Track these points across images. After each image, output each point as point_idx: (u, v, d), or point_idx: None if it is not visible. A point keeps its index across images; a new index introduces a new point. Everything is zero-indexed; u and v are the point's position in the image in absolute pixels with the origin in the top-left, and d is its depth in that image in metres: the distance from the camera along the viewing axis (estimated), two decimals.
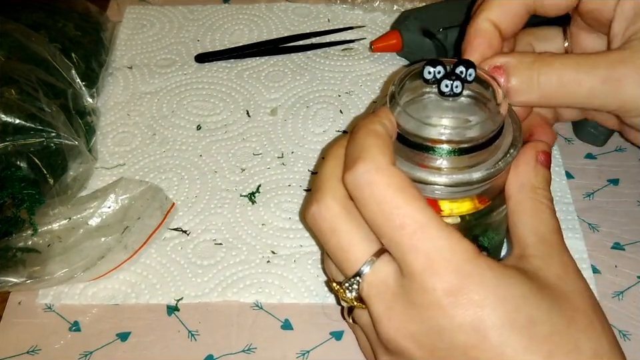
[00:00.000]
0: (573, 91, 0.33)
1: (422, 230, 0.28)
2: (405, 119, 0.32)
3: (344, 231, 0.30)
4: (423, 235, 0.27)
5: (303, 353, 0.39)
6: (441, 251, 0.27)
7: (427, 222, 0.28)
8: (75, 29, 0.54)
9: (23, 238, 0.41)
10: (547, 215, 0.32)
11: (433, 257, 0.27)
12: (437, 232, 0.28)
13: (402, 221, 0.28)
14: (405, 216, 0.28)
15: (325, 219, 0.30)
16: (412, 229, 0.28)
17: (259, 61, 0.57)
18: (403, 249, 0.28)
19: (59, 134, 0.44)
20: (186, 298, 0.42)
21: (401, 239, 0.28)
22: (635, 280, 0.42)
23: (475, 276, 0.27)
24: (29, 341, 0.40)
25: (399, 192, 0.28)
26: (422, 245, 0.27)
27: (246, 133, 0.51)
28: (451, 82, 0.32)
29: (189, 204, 0.47)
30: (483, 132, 0.32)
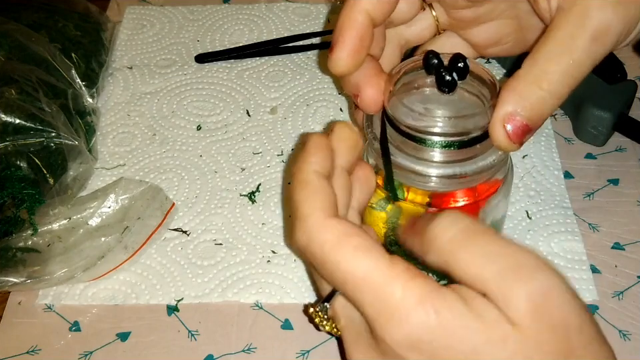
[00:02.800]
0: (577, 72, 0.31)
1: (365, 282, 0.27)
2: (400, 110, 0.33)
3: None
4: (368, 288, 0.27)
5: (303, 352, 0.39)
6: (391, 298, 0.26)
7: (368, 273, 0.27)
8: (75, 29, 0.54)
9: (23, 238, 0.41)
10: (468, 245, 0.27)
11: (385, 306, 0.26)
12: (382, 280, 0.26)
13: (343, 278, 0.27)
14: (346, 273, 0.27)
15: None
16: (355, 283, 0.27)
17: (259, 61, 0.57)
18: (356, 303, 0.28)
19: (59, 134, 0.44)
20: (186, 298, 0.42)
21: (350, 295, 0.27)
22: (635, 280, 0.42)
23: (425, 325, 0.26)
24: (28, 341, 0.40)
25: (334, 248, 0.27)
26: (370, 299, 0.27)
27: (246, 132, 0.51)
28: (451, 73, 0.32)
29: (189, 204, 0.47)
30: (477, 125, 0.32)
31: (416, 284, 0.26)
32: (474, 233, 0.27)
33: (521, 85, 0.31)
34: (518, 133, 0.31)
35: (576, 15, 0.30)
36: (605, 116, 0.47)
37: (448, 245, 0.27)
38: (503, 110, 0.31)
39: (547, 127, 0.51)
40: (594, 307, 0.41)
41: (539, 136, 0.50)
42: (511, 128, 0.31)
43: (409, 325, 0.26)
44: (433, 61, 0.33)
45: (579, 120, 0.49)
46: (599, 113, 0.47)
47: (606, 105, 0.47)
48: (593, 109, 0.47)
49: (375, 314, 0.27)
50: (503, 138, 0.31)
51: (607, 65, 0.50)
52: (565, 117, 0.51)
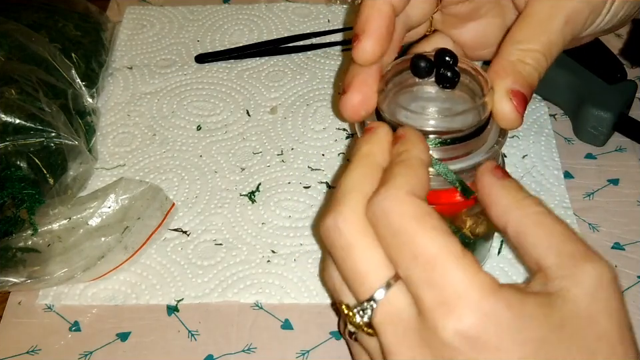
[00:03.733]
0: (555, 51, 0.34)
1: (435, 262, 0.26)
2: (393, 109, 0.33)
3: (361, 250, 0.28)
4: (436, 268, 0.26)
5: (303, 352, 0.39)
6: (455, 286, 0.26)
7: (441, 254, 0.26)
8: (75, 29, 0.54)
9: (23, 238, 0.41)
10: (550, 223, 0.29)
11: (446, 294, 0.26)
12: (452, 265, 0.26)
13: (415, 252, 0.26)
14: (419, 246, 0.26)
15: (341, 233, 0.28)
16: (424, 260, 0.26)
17: (259, 61, 0.57)
18: (415, 283, 0.27)
19: (59, 134, 0.44)
20: (186, 299, 0.42)
21: (413, 272, 0.27)
22: (635, 280, 0.42)
23: (492, 316, 0.25)
24: (29, 341, 0.40)
25: (414, 221, 0.27)
26: (434, 279, 0.26)
27: (246, 132, 0.51)
28: (447, 71, 0.33)
29: (189, 204, 0.47)
30: (469, 123, 0.32)
31: (484, 276, 0.26)
32: (557, 218, 0.29)
33: (509, 63, 0.34)
34: (521, 104, 0.33)
35: (550, 1, 0.34)
36: (605, 116, 0.47)
37: (536, 216, 0.29)
38: (504, 85, 0.33)
39: (547, 127, 0.51)
40: None
41: (539, 136, 0.50)
42: (516, 100, 0.33)
43: (475, 317, 0.25)
44: (422, 64, 0.33)
45: (578, 120, 0.49)
46: (598, 113, 0.47)
47: (606, 105, 0.47)
48: (593, 109, 0.47)
49: (435, 299, 0.26)
50: (512, 110, 0.33)
51: (607, 65, 0.50)
52: (564, 117, 0.51)
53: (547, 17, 0.34)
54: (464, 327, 0.25)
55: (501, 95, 0.33)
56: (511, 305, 0.26)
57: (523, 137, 0.50)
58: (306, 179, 0.48)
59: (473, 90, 0.34)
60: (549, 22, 0.34)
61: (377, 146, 0.31)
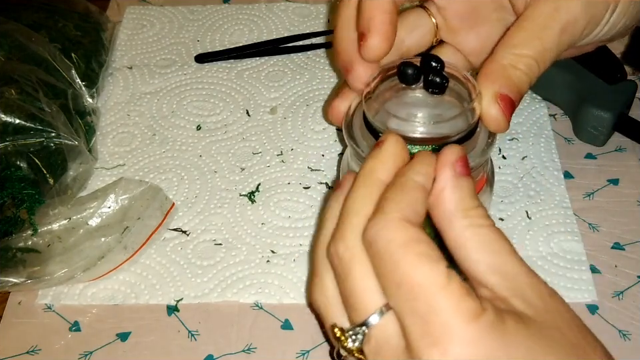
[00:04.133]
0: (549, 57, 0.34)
1: (419, 291, 0.26)
2: (381, 116, 0.33)
3: (358, 276, 0.28)
4: (419, 297, 0.26)
5: (303, 352, 0.39)
6: (439, 316, 0.25)
7: (424, 282, 0.26)
8: (75, 29, 0.54)
9: (23, 238, 0.41)
10: (493, 241, 0.28)
11: (430, 324, 0.25)
12: (435, 294, 0.25)
13: (399, 280, 0.26)
14: (402, 274, 0.26)
15: (341, 259, 0.29)
16: (408, 288, 0.26)
17: (258, 61, 0.57)
18: (400, 312, 0.26)
19: (59, 134, 0.44)
20: (186, 298, 0.42)
21: (398, 300, 0.26)
22: (635, 280, 0.42)
23: (477, 343, 0.25)
24: (29, 341, 0.40)
25: (400, 248, 0.27)
26: (418, 309, 0.26)
27: (246, 132, 0.52)
28: (435, 77, 0.33)
29: (188, 204, 0.47)
30: (458, 128, 0.32)
31: (469, 301, 0.26)
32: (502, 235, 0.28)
33: (500, 67, 0.34)
34: (508, 108, 0.33)
35: (548, 8, 0.34)
36: (605, 116, 0.47)
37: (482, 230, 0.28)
38: (492, 90, 0.33)
39: (547, 128, 0.51)
40: (594, 307, 0.41)
41: (538, 137, 0.50)
42: (503, 104, 0.33)
43: (460, 347, 0.25)
44: (409, 71, 0.33)
45: (578, 120, 0.49)
46: (598, 113, 0.47)
47: (606, 105, 0.47)
48: (593, 109, 0.47)
49: (419, 329, 0.26)
50: (500, 114, 0.33)
51: (607, 65, 0.50)
52: (564, 117, 0.51)
53: (543, 24, 0.34)
54: (449, 358, 0.25)
55: (489, 98, 0.33)
56: (495, 327, 0.25)
57: (522, 138, 0.50)
58: (306, 179, 0.48)
59: (460, 95, 0.34)
60: (545, 29, 0.34)
61: (380, 162, 0.31)
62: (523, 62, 0.34)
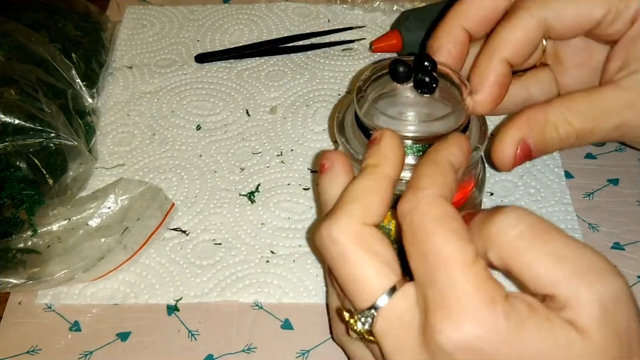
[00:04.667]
0: (588, 139, 0.34)
1: (444, 264, 0.26)
2: (372, 115, 0.33)
3: (357, 259, 0.28)
4: (441, 270, 0.26)
5: (303, 352, 0.39)
6: (458, 291, 0.25)
7: (451, 257, 0.26)
8: (75, 29, 0.54)
9: (23, 239, 0.41)
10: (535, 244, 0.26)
11: (449, 297, 0.25)
12: (459, 270, 0.25)
13: (426, 250, 0.26)
14: (431, 246, 0.26)
15: (336, 242, 0.28)
16: (434, 260, 0.26)
17: (258, 61, 0.57)
18: (423, 280, 0.26)
19: (59, 134, 0.44)
20: (185, 298, 0.42)
21: (421, 269, 0.27)
22: (635, 280, 0.42)
23: (490, 326, 0.25)
24: (29, 341, 0.40)
25: (433, 221, 0.27)
26: (439, 281, 0.26)
27: (245, 132, 0.52)
28: (425, 77, 0.33)
29: (188, 204, 0.47)
30: (448, 128, 0.32)
31: (491, 285, 0.26)
32: (541, 232, 0.26)
33: (544, 119, 0.33)
34: (522, 158, 0.33)
35: (622, 98, 0.33)
36: None
37: (514, 243, 0.26)
38: (521, 133, 0.33)
39: None
40: None
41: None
42: (520, 152, 0.33)
43: (471, 325, 0.25)
44: (400, 69, 0.33)
45: None
46: None
47: None
48: None
49: (437, 301, 0.26)
50: (511, 158, 0.33)
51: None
52: None
53: (605, 110, 0.33)
54: (460, 334, 0.25)
55: (512, 137, 0.33)
56: (510, 317, 0.25)
57: None
58: (305, 180, 0.48)
59: (452, 94, 0.34)
60: (604, 116, 0.33)
61: (385, 157, 0.30)
62: (565, 129, 0.33)
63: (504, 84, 0.35)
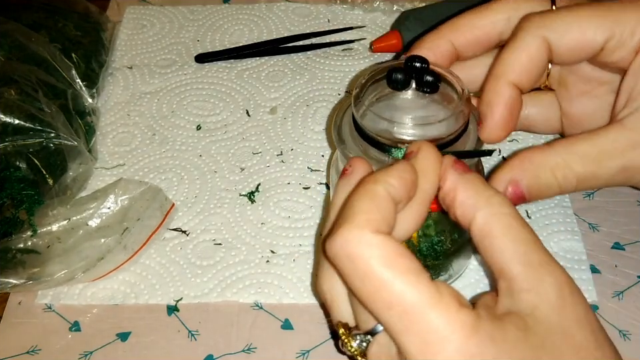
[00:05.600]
0: (590, 183, 0.33)
1: (414, 312, 0.25)
2: (369, 119, 0.33)
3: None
4: (415, 318, 0.25)
5: (303, 352, 0.39)
6: (437, 333, 0.25)
7: (418, 302, 0.25)
8: (75, 29, 0.54)
9: (23, 239, 0.41)
10: (517, 227, 0.28)
11: (430, 343, 0.25)
12: (431, 312, 0.25)
13: (389, 301, 0.25)
14: (393, 295, 0.25)
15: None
16: (401, 310, 0.25)
17: (259, 61, 0.57)
18: (396, 332, 0.25)
19: (59, 134, 0.44)
20: (185, 298, 0.42)
21: (390, 321, 0.25)
22: (635, 280, 0.42)
23: (478, 356, 0.25)
24: (29, 341, 0.40)
25: (383, 266, 0.25)
26: (415, 329, 0.25)
27: (246, 132, 0.52)
28: (427, 76, 0.32)
29: (188, 204, 0.47)
30: (446, 131, 0.32)
31: (465, 313, 0.25)
32: (523, 222, 0.28)
33: (541, 163, 0.32)
34: (513, 199, 0.32)
35: (626, 138, 0.32)
36: None
37: (504, 218, 0.28)
38: (513, 174, 0.32)
39: None
40: (594, 307, 0.41)
41: (538, 138, 0.50)
42: (511, 192, 0.32)
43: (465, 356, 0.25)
44: (399, 77, 0.33)
45: None
46: None
47: None
48: None
49: (418, 348, 0.25)
50: None
51: None
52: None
53: (609, 151, 0.32)
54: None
55: (502, 178, 0.32)
56: (494, 339, 0.25)
57: (522, 139, 0.50)
58: (305, 179, 0.48)
59: (449, 96, 0.34)
60: (608, 158, 0.32)
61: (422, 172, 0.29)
62: (564, 173, 0.32)
63: (514, 108, 0.34)
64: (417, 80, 0.33)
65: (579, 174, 0.32)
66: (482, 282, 0.42)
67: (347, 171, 0.31)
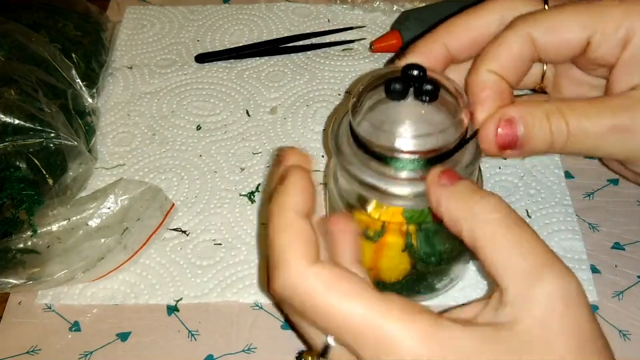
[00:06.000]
0: (580, 140, 0.32)
1: (363, 325, 0.26)
2: (366, 129, 0.32)
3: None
4: (366, 330, 0.25)
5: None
6: (391, 337, 0.25)
7: (366, 314, 0.26)
8: (75, 29, 0.54)
9: (23, 239, 0.41)
10: (504, 233, 0.27)
11: (383, 349, 0.25)
12: (381, 319, 0.25)
13: (341, 322, 0.26)
14: (341, 317, 0.26)
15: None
16: (353, 328, 0.26)
17: (259, 61, 0.57)
18: (353, 348, 0.26)
19: (59, 134, 0.44)
20: (185, 298, 0.42)
21: (346, 340, 0.26)
22: (635, 280, 0.42)
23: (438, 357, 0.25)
24: (29, 341, 0.40)
25: (326, 293, 0.26)
26: (368, 340, 0.25)
27: (246, 132, 0.52)
28: (426, 85, 0.32)
29: (188, 204, 0.47)
30: (445, 141, 0.31)
31: (416, 321, 0.26)
32: (514, 224, 0.27)
33: (536, 106, 0.32)
34: (506, 138, 0.32)
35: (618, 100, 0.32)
36: None
37: (487, 227, 0.27)
38: (507, 112, 0.32)
39: None
40: (594, 307, 0.41)
41: None
42: (503, 133, 0.32)
43: None
44: (397, 87, 0.32)
45: None
46: None
47: None
48: None
49: (375, 357, 0.26)
50: (491, 135, 0.32)
51: None
52: None
53: (601, 110, 0.32)
54: None
55: (494, 118, 0.32)
56: (446, 347, 0.25)
57: None
58: None
59: (448, 105, 0.33)
60: (598, 114, 0.32)
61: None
62: (557, 122, 0.32)
63: (498, 93, 0.34)
64: (416, 89, 0.32)
65: (571, 125, 0.32)
66: (482, 283, 0.42)
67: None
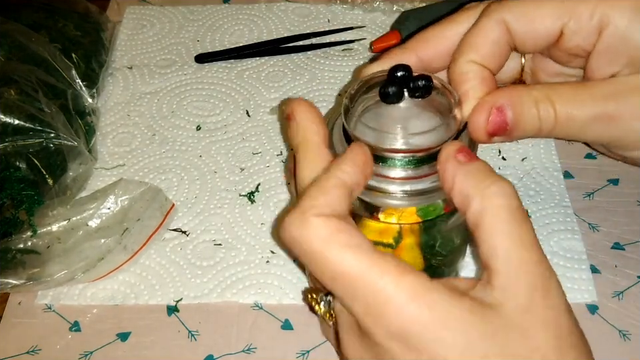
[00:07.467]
0: (567, 125, 0.33)
1: (354, 276, 0.27)
2: (360, 130, 0.32)
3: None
4: (356, 282, 0.27)
5: (303, 353, 0.39)
6: (380, 291, 0.26)
7: (357, 267, 0.27)
8: (75, 29, 0.54)
9: (23, 239, 0.41)
10: (508, 220, 0.28)
11: (372, 301, 0.26)
12: (372, 273, 0.27)
13: (332, 274, 0.27)
14: (334, 268, 0.27)
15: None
16: (344, 280, 0.27)
17: (259, 61, 0.57)
18: (342, 299, 0.28)
19: (59, 134, 0.44)
20: (185, 299, 0.42)
21: (337, 291, 0.28)
22: (635, 280, 0.42)
23: (416, 319, 0.26)
24: (29, 341, 0.40)
25: (321, 244, 0.27)
26: (357, 292, 0.27)
27: (246, 132, 0.52)
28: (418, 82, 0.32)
29: (188, 204, 0.47)
30: (438, 140, 0.31)
31: (408, 280, 0.26)
32: (520, 216, 0.28)
33: (524, 92, 0.32)
34: (497, 124, 0.32)
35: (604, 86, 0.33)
36: None
37: (496, 210, 0.28)
38: (498, 99, 0.32)
39: None
40: (594, 307, 0.41)
41: (538, 139, 0.50)
42: (493, 120, 0.32)
43: (400, 321, 0.26)
44: (390, 90, 0.32)
45: None
46: None
47: None
48: None
49: (364, 310, 0.27)
50: (482, 123, 0.32)
51: None
52: None
53: (584, 98, 0.32)
54: (393, 330, 0.26)
55: (486, 102, 0.32)
56: (434, 308, 0.26)
57: (522, 141, 0.50)
58: None
59: (441, 103, 0.33)
60: (582, 103, 0.32)
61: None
62: (545, 108, 0.32)
63: (480, 83, 0.34)
64: (409, 88, 0.32)
65: (559, 112, 0.32)
66: None
67: (289, 118, 0.33)
